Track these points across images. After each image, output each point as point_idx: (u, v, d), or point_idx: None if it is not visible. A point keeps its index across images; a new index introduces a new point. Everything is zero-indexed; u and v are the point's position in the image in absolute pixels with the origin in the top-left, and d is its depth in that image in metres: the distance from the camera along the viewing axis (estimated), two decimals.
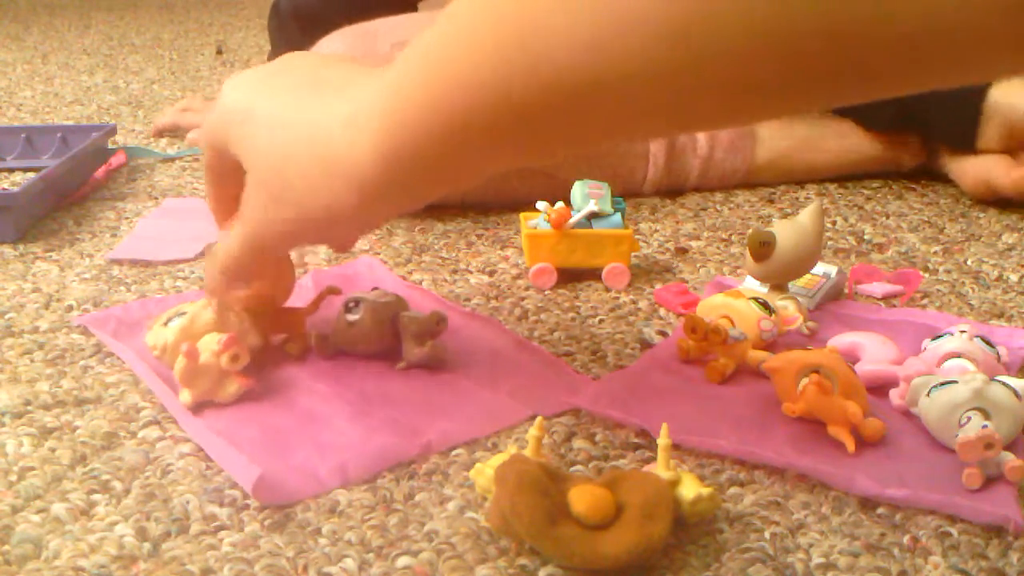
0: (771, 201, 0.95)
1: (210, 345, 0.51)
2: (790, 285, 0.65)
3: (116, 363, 0.58)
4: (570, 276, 0.72)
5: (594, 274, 0.72)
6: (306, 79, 0.46)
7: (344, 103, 0.42)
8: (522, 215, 0.75)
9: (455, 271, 0.74)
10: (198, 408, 0.51)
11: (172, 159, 1.09)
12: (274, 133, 0.45)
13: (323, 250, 0.77)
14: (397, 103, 0.39)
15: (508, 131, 0.37)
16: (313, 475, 0.46)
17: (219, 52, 1.93)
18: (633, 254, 0.75)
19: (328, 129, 0.42)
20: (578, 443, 0.50)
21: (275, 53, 1.24)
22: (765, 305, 0.59)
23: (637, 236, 0.82)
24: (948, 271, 0.76)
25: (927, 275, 0.75)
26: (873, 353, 0.56)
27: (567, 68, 0.32)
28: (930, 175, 1.02)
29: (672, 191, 0.96)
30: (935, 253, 0.80)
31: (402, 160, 0.40)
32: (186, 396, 0.51)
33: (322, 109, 0.43)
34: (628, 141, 0.40)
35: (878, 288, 0.70)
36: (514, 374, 0.57)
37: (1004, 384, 0.48)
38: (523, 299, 0.69)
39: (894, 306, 0.68)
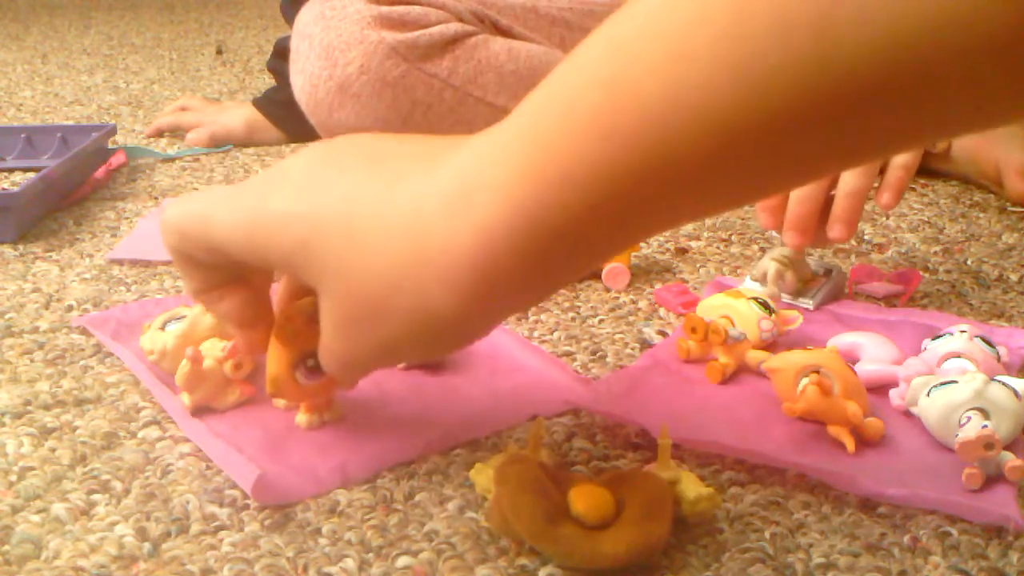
0: None
1: (213, 351, 0.51)
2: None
3: (116, 363, 0.58)
4: None
5: (594, 274, 0.72)
6: (376, 153, 0.36)
7: (442, 176, 0.33)
8: None
9: None
10: (197, 410, 0.51)
11: (172, 159, 1.09)
12: (353, 236, 0.35)
13: None
14: (536, 160, 0.31)
15: (725, 169, 0.29)
16: (313, 475, 0.46)
17: (219, 52, 1.93)
18: (633, 254, 0.75)
19: (423, 214, 0.33)
20: (578, 443, 0.50)
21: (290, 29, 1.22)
22: (765, 305, 0.59)
23: None
24: (948, 271, 0.76)
25: (927, 275, 0.75)
26: (873, 353, 0.56)
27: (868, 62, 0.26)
28: (930, 175, 1.02)
29: None
30: (935, 253, 0.80)
31: (537, 241, 0.31)
32: (186, 400, 0.51)
33: (412, 187, 0.33)
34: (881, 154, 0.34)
35: (878, 288, 0.70)
36: (514, 374, 0.57)
37: (1004, 384, 0.48)
38: None
39: (894, 306, 0.68)
